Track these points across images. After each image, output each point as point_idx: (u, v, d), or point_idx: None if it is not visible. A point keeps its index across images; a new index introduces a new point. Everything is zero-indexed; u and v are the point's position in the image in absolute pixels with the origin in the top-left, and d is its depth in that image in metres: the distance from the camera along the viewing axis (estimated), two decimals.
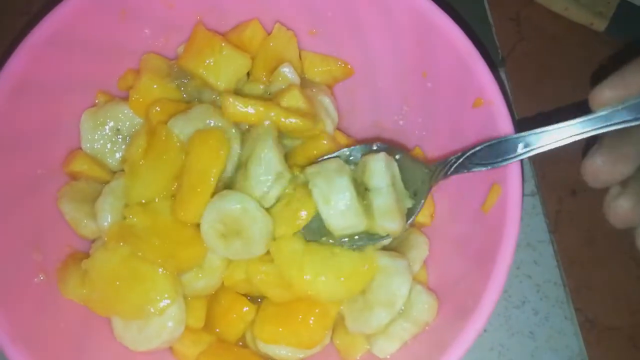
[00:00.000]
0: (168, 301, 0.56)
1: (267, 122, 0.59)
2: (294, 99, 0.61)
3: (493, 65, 0.58)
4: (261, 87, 0.66)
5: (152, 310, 0.56)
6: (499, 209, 0.55)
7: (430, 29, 0.59)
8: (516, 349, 0.72)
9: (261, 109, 0.59)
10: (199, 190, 0.56)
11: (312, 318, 0.57)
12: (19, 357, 0.51)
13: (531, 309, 0.73)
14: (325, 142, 0.64)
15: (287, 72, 0.65)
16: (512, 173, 0.54)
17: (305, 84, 0.68)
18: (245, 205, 0.56)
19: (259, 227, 0.57)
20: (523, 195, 0.54)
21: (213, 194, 0.57)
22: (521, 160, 0.53)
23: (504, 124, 0.55)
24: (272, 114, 0.59)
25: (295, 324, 0.57)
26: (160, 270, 0.56)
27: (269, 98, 0.63)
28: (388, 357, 0.59)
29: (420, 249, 0.62)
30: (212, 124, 0.58)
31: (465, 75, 0.58)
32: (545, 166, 0.79)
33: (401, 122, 0.69)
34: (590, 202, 0.79)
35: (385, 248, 0.62)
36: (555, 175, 0.80)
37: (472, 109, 0.58)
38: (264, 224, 0.57)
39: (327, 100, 0.66)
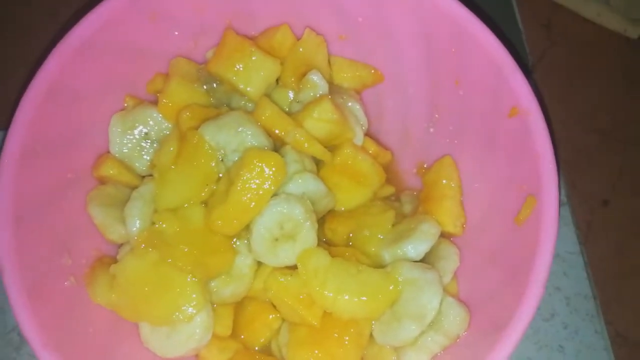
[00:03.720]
0: (196, 308, 0.55)
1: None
2: (325, 111, 0.61)
3: (523, 72, 0.57)
4: (290, 93, 0.66)
5: (180, 317, 0.55)
6: (534, 222, 0.53)
7: (465, 37, 0.58)
8: None
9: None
10: (249, 209, 0.55)
11: (347, 338, 0.55)
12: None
13: (560, 322, 0.72)
14: (349, 150, 0.63)
15: (316, 79, 0.64)
16: (548, 185, 0.53)
17: (333, 89, 0.67)
18: (307, 208, 0.56)
19: (314, 229, 0.57)
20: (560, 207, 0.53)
21: None
22: (558, 172, 0.52)
23: (541, 134, 0.54)
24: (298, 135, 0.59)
25: (330, 346, 0.56)
26: (189, 277, 0.56)
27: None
28: None
29: (450, 259, 0.61)
30: (249, 135, 0.58)
31: (501, 85, 0.57)
32: (575, 175, 0.78)
33: (431, 130, 0.67)
34: (622, 212, 0.78)
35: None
36: (586, 184, 0.78)
37: (507, 118, 0.57)
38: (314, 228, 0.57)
39: (357, 107, 0.66)
